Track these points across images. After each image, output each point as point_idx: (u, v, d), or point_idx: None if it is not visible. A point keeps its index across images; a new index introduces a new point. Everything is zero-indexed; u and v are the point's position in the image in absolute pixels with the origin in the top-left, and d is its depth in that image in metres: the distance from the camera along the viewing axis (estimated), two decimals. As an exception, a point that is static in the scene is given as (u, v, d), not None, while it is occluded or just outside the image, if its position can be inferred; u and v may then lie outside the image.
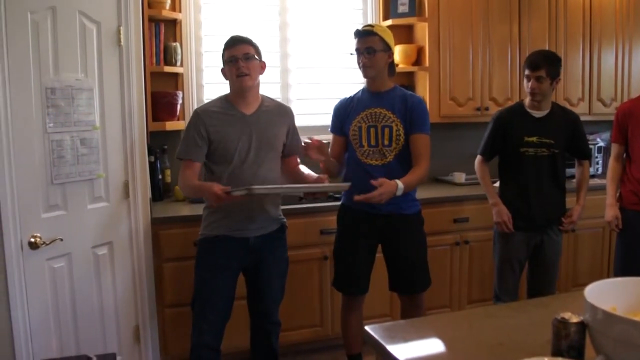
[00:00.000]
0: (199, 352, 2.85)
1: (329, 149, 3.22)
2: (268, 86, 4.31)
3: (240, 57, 2.82)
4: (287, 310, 3.70)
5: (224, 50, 2.90)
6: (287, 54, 4.41)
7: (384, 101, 3.10)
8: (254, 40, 2.95)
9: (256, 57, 2.89)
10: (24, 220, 2.71)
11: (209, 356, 2.85)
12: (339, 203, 3.35)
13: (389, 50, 3.07)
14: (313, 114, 4.50)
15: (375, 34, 3.03)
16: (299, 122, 4.35)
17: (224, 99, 2.96)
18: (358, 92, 3.26)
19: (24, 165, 2.70)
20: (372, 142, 3.08)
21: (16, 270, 2.67)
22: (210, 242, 2.89)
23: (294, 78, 4.44)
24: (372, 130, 3.08)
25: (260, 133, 2.89)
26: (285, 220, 3.07)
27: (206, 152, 2.88)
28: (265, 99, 3.02)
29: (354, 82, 4.52)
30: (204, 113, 2.90)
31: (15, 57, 2.64)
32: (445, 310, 4.05)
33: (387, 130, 3.06)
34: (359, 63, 3.09)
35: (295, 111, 4.31)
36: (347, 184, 2.98)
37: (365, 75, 3.12)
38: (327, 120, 4.38)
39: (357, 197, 2.85)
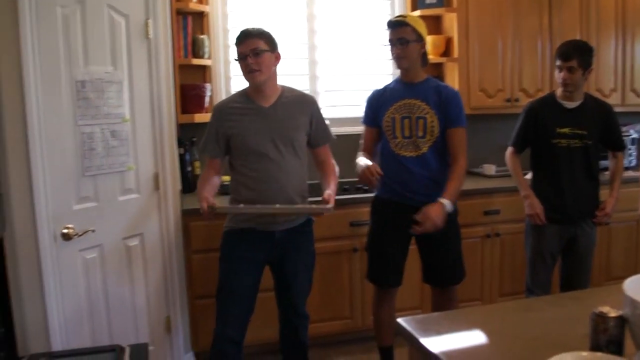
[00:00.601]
0: (222, 345, 2.82)
1: (361, 141, 3.21)
2: (296, 78, 4.31)
3: (248, 53, 2.76)
4: (317, 302, 3.72)
5: (235, 45, 2.84)
6: (315, 46, 4.39)
7: (418, 92, 3.07)
8: (266, 30, 2.85)
9: (267, 49, 2.79)
10: (57, 211, 2.74)
11: (231, 350, 2.83)
12: (369, 195, 3.33)
13: (421, 40, 3.04)
14: (342, 105, 4.47)
15: (408, 25, 3.00)
16: (327, 114, 4.39)
17: (242, 93, 2.94)
18: (391, 82, 3.23)
19: (56, 157, 2.73)
20: (406, 134, 3.05)
21: (50, 261, 2.71)
22: (236, 234, 2.87)
23: (322, 70, 4.42)
24: (406, 121, 3.05)
25: (278, 126, 2.83)
26: (312, 217, 3.03)
27: (226, 148, 2.89)
28: (286, 90, 2.95)
29: (382, 73, 4.50)
30: (222, 109, 2.91)
31: (45, 51, 2.66)
32: (476, 303, 4.02)
33: (421, 121, 3.03)
34: (392, 54, 3.06)
35: (323, 103, 4.35)
36: (329, 206, 2.73)
37: (398, 66, 3.09)
38: (356, 112, 4.41)
39: (416, 230, 2.90)
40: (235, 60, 2.82)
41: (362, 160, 3.04)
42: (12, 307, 2.63)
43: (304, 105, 2.93)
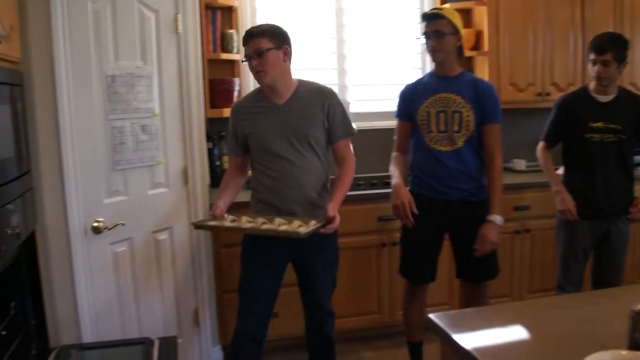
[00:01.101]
0: (242, 342, 2.80)
1: (395, 136, 3.17)
2: (324, 72, 4.30)
3: (252, 54, 2.70)
4: (345, 297, 3.71)
5: (243, 46, 2.80)
6: (343, 40, 4.36)
7: (453, 86, 3.04)
8: (271, 26, 2.75)
9: (272, 46, 2.69)
10: (87, 205, 2.76)
11: (250, 347, 2.80)
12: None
13: (457, 33, 3.00)
14: (371, 100, 4.45)
15: (444, 17, 2.97)
16: (356, 108, 4.37)
17: (259, 91, 2.89)
18: (424, 76, 3.21)
19: (87, 151, 2.75)
20: (442, 128, 3.02)
21: (80, 254, 2.73)
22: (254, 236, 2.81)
23: (351, 64, 4.39)
24: (442, 115, 3.02)
25: (293, 124, 2.76)
26: None
27: (246, 146, 2.87)
28: (302, 84, 2.86)
29: (411, 67, 4.46)
30: (238, 108, 2.89)
31: (76, 47, 2.69)
32: (505, 299, 3.98)
33: (457, 115, 3.00)
34: (427, 47, 3.03)
35: (352, 97, 4.33)
36: (329, 227, 2.62)
37: (433, 59, 3.06)
38: (385, 106, 4.39)
39: (477, 253, 2.97)
40: (243, 61, 2.81)
41: (398, 187, 3.03)
42: (44, 300, 2.66)
43: (319, 98, 2.82)
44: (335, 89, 4.25)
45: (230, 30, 3.93)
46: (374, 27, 4.43)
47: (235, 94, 3.91)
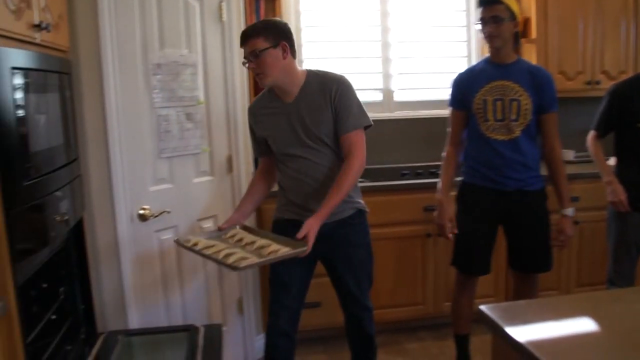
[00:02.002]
0: (275, 339, 2.76)
1: (448, 128, 3.12)
2: (368, 61, 4.26)
3: (248, 56, 2.55)
4: (389, 287, 3.69)
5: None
6: (387, 28, 4.31)
7: (511, 73, 2.96)
8: (264, 23, 2.63)
9: (268, 45, 2.50)
10: (134, 192, 2.79)
11: (283, 343, 2.76)
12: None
13: (514, 19, 2.92)
14: (415, 88, 4.41)
15: (501, 2, 2.88)
16: (400, 97, 4.32)
17: (269, 89, 2.72)
18: (478, 63, 3.13)
19: (133, 139, 2.77)
20: (499, 116, 2.95)
21: (127, 241, 2.76)
22: (282, 225, 2.76)
23: (395, 52, 4.34)
24: (499, 103, 2.95)
25: (302, 123, 2.62)
26: (362, 205, 2.79)
27: (268, 146, 2.77)
28: (310, 76, 2.65)
29: (456, 55, 4.39)
30: (252, 110, 2.79)
31: (122, 35, 2.71)
32: (552, 292, 3.89)
33: (514, 104, 2.93)
34: (483, 33, 2.96)
35: (396, 86, 4.28)
36: (300, 250, 2.40)
37: (490, 46, 2.98)
38: (429, 95, 4.33)
39: (558, 248, 3.04)
40: (243, 64, 2.64)
41: (441, 204, 3.05)
42: (92, 285, 2.70)
43: (324, 90, 2.61)
44: (379, 78, 4.27)
45: (274, 18, 3.90)
46: (419, 15, 4.37)
47: (279, 82, 3.88)
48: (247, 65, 2.60)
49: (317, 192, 2.63)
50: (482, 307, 1.67)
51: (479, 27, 2.98)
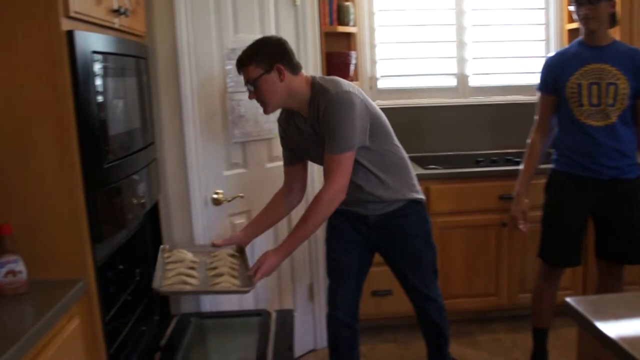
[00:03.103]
0: (335, 330, 2.72)
1: (536, 115, 3.02)
2: (443, 45, 4.17)
3: (246, 85, 2.42)
4: (462, 277, 3.62)
5: None
6: (463, 11, 4.18)
7: (607, 56, 2.82)
8: (254, 48, 2.38)
9: (261, 72, 2.34)
10: (208, 177, 2.81)
11: (345, 334, 2.72)
12: (519, 168, 3.15)
13: None
14: (491, 74, 4.27)
15: None
16: (475, 82, 4.20)
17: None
18: (571, 46, 2.99)
19: (207, 124, 2.79)
20: (594, 101, 2.82)
21: (201, 225, 2.79)
22: (337, 215, 2.64)
23: (470, 36, 4.22)
24: (595, 87, 2.81)
25: (316, 145, 2.46)
26: (415, 195, 2.62)
27: (297, 155, 2.66)
28: (315, 89, 2.41)
29: (535, 39, 4.24)
30: (280, 122, 2.64)
31: (197, 19, 2.72)
32: (634, 287, 3.72)
33: (612, 88, 2.79)
34: (578, 15, 2.82)
35: (471, 71, 4.17)
36: (246, 289, 2.28)
37: (586, 28, 2.83)
38: (505, 80, 4.21)
39: None
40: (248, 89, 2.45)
41: (517, 197, 3.02)
42: (167, 268, 2.73)
43: (322, 109, 2.36)
44: (454, 63, 4.17)
45: (347, 3, 3.86)
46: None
47: (352, 67, 3.85)
48: (249, 94, 2.44)
49: (355, 198, 2.55)
50: (569, 300, 1.59)
51: (573, 8, 2.84)
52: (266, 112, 2.48)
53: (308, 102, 2.42)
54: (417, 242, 2.67)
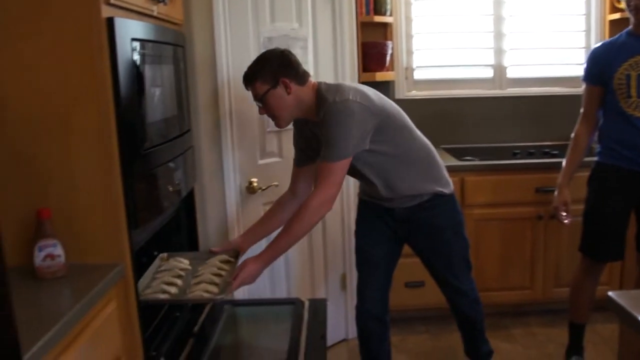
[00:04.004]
0: (365, 323, 2.74)
1: (581, 108, 2.95)
2: (480, 35, 4.12)
3: (256, 101, 2.41)
4: (497, 270, 3.59)
5: None
6: (501, 1, 4.13)
7: None
8: (258, 65, 2.37)
9: (268, 87, 2.32)
10: (243, 165, 2.82)
11: (374, 327, 2.73)
12: (557, 160, 3.10)
13: None
14: (529, 65, 4.21)
15: None
16: (513, 73, 4.14)
17: None
18: (619, 36, 2.90)
19: (243, 113, 2.79)
20: None
21: (235, 213, 2.81)
22: (364, 205, 2.71)
23: (509, 27, 4.15)
24: None
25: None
26: (440, 190, 2.57)
27: (308, 156, 2.62)
28: (320, 102, 2.36)
29: (575, 29, 4.16)
30: (295, 124, 2.61)
31: (234, 8, 2.73)
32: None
33: None
34: (629, 6, 2.75)
35: (509, 62, 4.10)
36: (218, 297, 2.17)
37: (637, 18, 2.75)
38: (543, 71, 4.14)
39: None
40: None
41: (559, 188, 2.96)
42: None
43: (321, 117, 2.35)
44: (491, 54, 4.12)
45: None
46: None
47: (388, 57, 3.82)
48: (259, 110, 2.43)
49: (378, 193, 2.55)
50: (611, 294, 1.55)
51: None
52: (279, 126, 2.47)
53: (315, 110, 2.38)
54: (445, 234, 2.64)
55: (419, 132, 2.58)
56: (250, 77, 2.36)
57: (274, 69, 2.33)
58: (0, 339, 1.02)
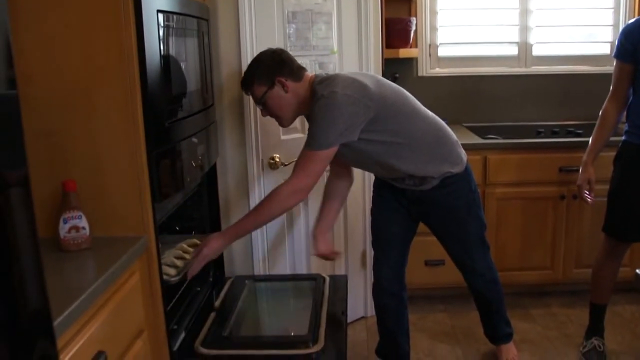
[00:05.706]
0: (381, 300, 2.76)
1: (612, 85, 2.87)
2: (505, 12, 4.05)
3: (256, 104, 2.46)
4: (517, 249, 3.56)
5: None
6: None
7: None
8: (252, 68, 2.38)
9: (265, 89, 2.34)
10: (265, 141, 2.81)
11: (390, 302, 2.75)
12: (581, 139, 3.05)
13: None
14: (554, 42, 4.13)
15: None
16: (538, 51, 4.07)
17: None
18: None
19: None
20: None
21: (257, 188, 2.81)
22: (380, 184, 2.70)
23: (534, 3, 4.07)
24: None
25: None
26: (452, 169, 2.52)
27: None
28: (315, 94, 2.34)
29: (603, 6, 4.08)
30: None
31: (259, -19, 2.70)
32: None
33: None
34: None
35: (534, 39, 4.04)
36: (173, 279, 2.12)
37: None
38: (569, 49, 4.07)
39: None
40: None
41: (584, 165, 2.90)
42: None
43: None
44: (516, 31, 4.05)
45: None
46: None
47: (412, 34, 3.77)
48: (261, 113, 2.47)
49: (387, 172, 2.55)
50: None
51: None
52: (283, 125, 2.50)
53: (311, 104, 2.35)
54: (458, 213, 2.62)
55: (428, 114, 2.53)
56: (247, 82, 2.39)
57: (268, 69, 2.35)
58: (34, 308, 1.04)
